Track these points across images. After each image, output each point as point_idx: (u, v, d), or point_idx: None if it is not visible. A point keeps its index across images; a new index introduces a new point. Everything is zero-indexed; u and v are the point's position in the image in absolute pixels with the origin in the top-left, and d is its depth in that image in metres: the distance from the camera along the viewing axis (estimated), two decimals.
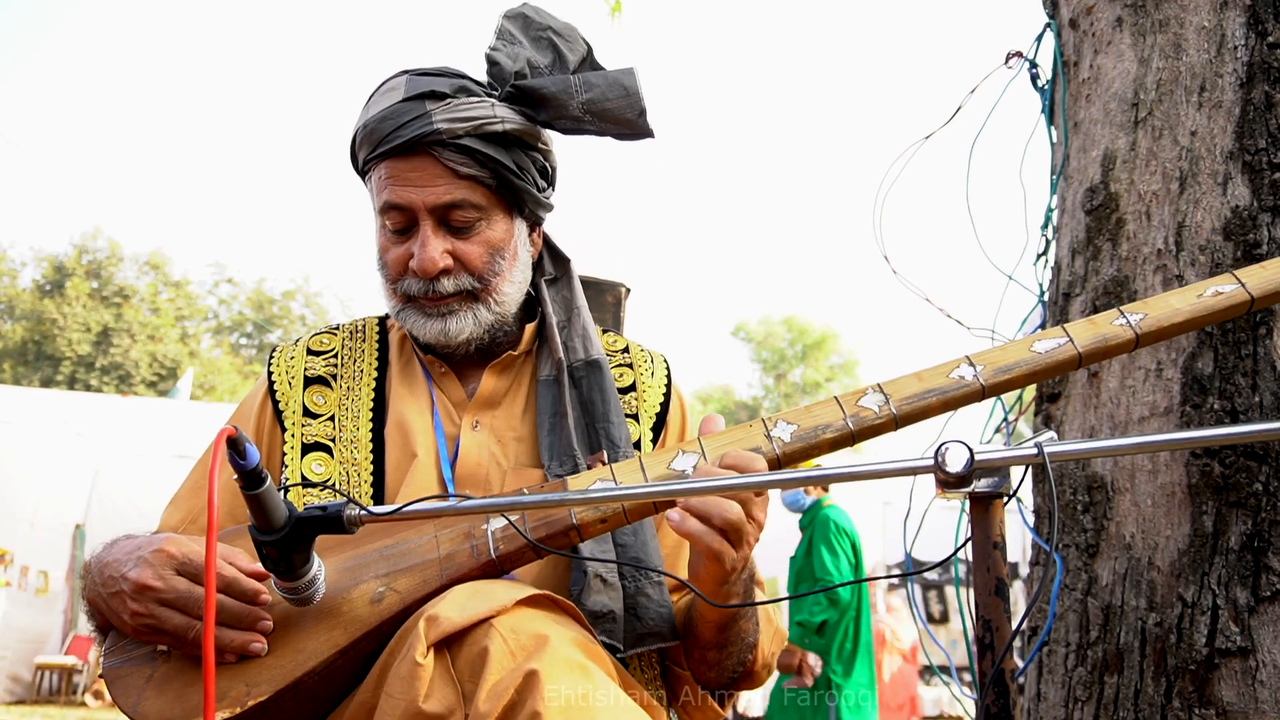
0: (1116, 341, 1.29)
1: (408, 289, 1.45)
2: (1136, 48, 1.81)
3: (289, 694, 1.17)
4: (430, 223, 1.43)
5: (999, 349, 1.32)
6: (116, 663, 1.24)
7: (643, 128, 1.47)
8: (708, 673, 1.42)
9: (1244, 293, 1.30)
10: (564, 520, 1.24)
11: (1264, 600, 1.51)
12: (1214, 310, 1.30)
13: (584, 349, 1.53)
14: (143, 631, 1.21)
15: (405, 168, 1.42)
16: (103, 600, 1.26)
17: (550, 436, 1.46)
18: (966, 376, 1.29)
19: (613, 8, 4.04)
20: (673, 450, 1.29)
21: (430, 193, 1.41)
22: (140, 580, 1.19)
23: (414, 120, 1.40)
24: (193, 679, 1.20)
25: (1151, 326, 1.29)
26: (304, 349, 1.56)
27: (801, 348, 37.99)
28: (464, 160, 1.41)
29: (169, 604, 1.19)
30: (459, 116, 1.40)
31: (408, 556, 1.25)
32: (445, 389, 1.53)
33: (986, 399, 1.31)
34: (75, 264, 29.39)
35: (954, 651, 9.06)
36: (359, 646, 1.19)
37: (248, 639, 1.19)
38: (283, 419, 1.50)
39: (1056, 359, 1.29)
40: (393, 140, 1.41)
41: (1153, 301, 1.32)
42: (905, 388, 1.29)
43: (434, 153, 1.40)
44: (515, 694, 1.03)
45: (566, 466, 1.42)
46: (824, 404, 1.30)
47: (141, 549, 1.24)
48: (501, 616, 1.11)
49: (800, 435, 1.28)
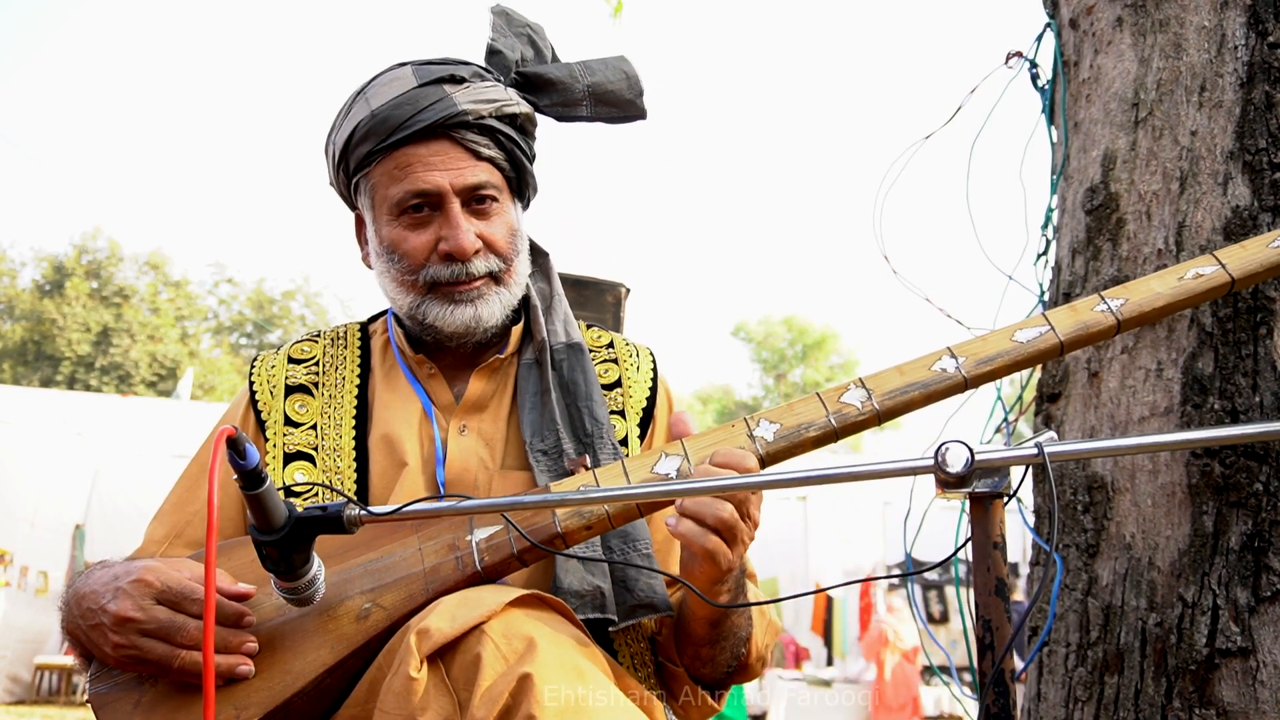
0: (1098, 328, 1.28)
1: (434, 276, 1.44)
2: (1137, 47, 1.81)
3: (278, 715, 1.16)
4: (458, 204, 1.43)
5: (980, 339, 1.30)
6: (103, 689, 1.22)
7: (639, 109, 1.55)
8: (702, 668, 1.42)
9: (1224, 274, 1.30)
10: (549, 528, 1.23)
11: (1264, 600, 1.51)
12: (1195, 292, 1.30)
13: (565, 333, 1.55)
14: (125, 663, 1.20)
15: (426, 152, 1.41)
16: (82, 632, 1.24)
17: (533, 414, 1.46)
18: (949, 369, 1.28)
19: (615, 9, 4.04)
20: (655, 453, 1.28)
21: (458, 174, 1.42)
22: (120, 613, 1.18)
23: (436, 103, 1.40)
24: (180, 703, 1.19)
25: (1133, 311, 1.29)
26: (285, 357, 1.56)
27: (801, 348, 37.99)
28: (485, 142, 1.43)
29: (151, 634, 1.18)
30: (481, 98, 1.42)
31: (392, 571, 1.24)
32: (432, 392, 1.52)
33: (969, 390, 1.30)
34: (75, 264, 29.37)
35: (954, 651, 9.04)
36: (347, 664, 1.18)
37: (233, 662, 1.18)
38: (265, 428, 1.49)
39: (1038, 348, 1.28)
40: (414, 124, 1.40)
41: (1133, 285, 1.31)
42: (887, 382, 1.28)
43: (455, 135, 1.41)
44: (510, 698, 1.03)
45: (549, 441, 1.42)
46: (806, 401, 1.29)
47: (119, 579, 1.21)
48: (492, 621, 1.10)
49: (783, 434, 1.27)
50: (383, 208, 1.46)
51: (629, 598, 1.37)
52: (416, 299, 1.46)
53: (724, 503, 1.20)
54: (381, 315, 1.63)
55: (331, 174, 1.54)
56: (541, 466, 1.42)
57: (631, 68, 1.53)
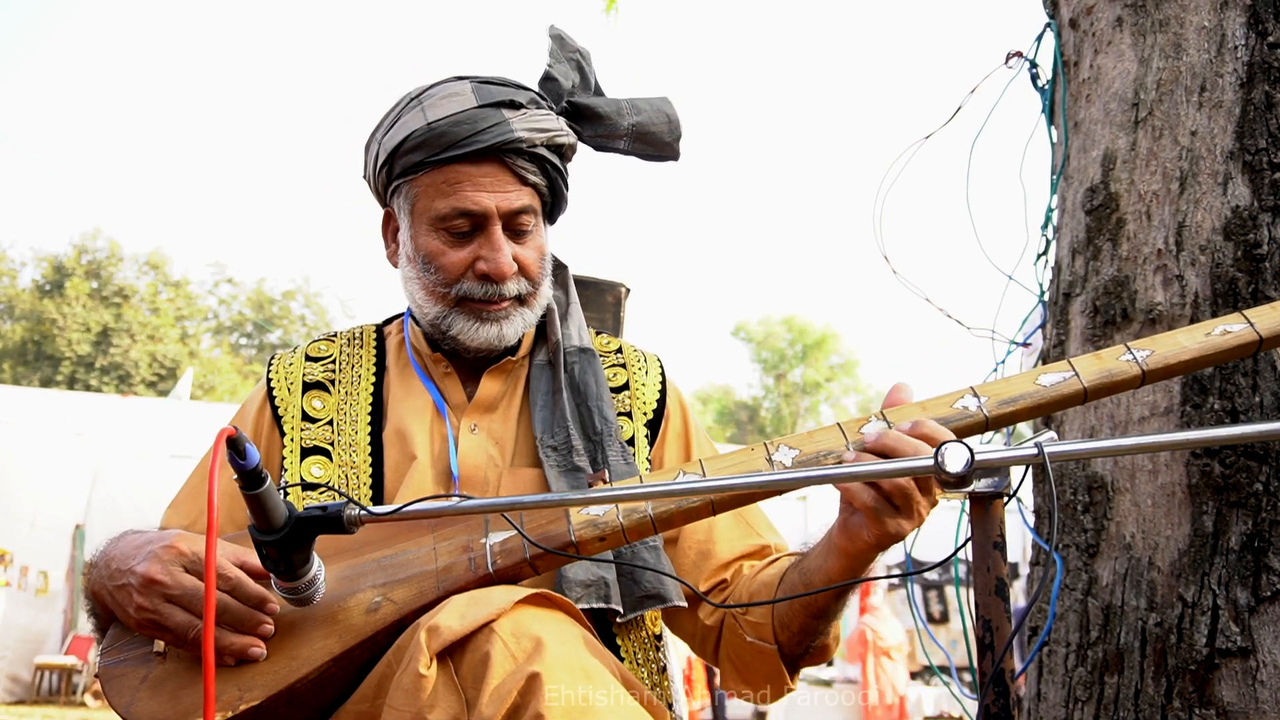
0: (1123, 378, 1.29)
1: (467, 292, 1.47)
2: (1136, 48, 1.81)
3: (281, 700, 1.17)
4: (500, 227, 1.46)
5: (1003, 381, 1.31)
6: (112, 662, 1.24)
7: (675, 152, 1.60)
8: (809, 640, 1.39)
9: (1253, 333, 1.30)
10: (562, 537, 1.24)
11: (1264, 600, 1.51)
12: (1221, 349, 1.29)
13: (578, 338, 1.59)
14: (145, 626, 1.22)
15: (477, 173, 1.45)
16: (108, 593, 1.27)
17: (544, 411, 1.50)
18: (970, 407, 1.28)
19: (607, 4, 4.04)
20: (674, 470, 1.31)
21: (504, 198, 1.45)
22: (148, 574, 1.21)
23: (494, 127, 1.44)
24: (187, 681, 1.20)
25: (1158, 364, 1.29)
26: (303, 355, 1.59)
27: (801, 348, 37.99)
28: (532, 169, 1.47)
29: (174, 600, 1.20)
30: (536, 127, 1.46)
31: (405, 567, 1.25)
32: (446, 390, 1.55)
33: (990, 431, 1.31)
34: (75, 264, 29.39)
35: (954, 651, 9.04)
36: (353, 655, 1.19)
37: (247, 643, 1.19)
38: (281, 423, 1.52)
39: (1061, 393, 1.28)
40: (470, 145, 1.43)
41: (1160, 338, 1.31)
42: (908, 416, 1.29)
43: (506, 159, 1.45)
44: (518, 696, 1.04)
45: (559, 437, 1.46)
46: (827, 430, 1.30)
47: (152, 543, 1.25)
48: (501, 620, 1.11)
49: (802, 461, 1.28)
50: (424, 217, 1.48)
51: (636, 589, 1.39)
52: (444, 310, 1.49)
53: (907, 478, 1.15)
54: (397, 318, 1.66)
55: (370, 170, 1.56)
56: (551, 461, 1.45)
57: (674, 111, 1.58)
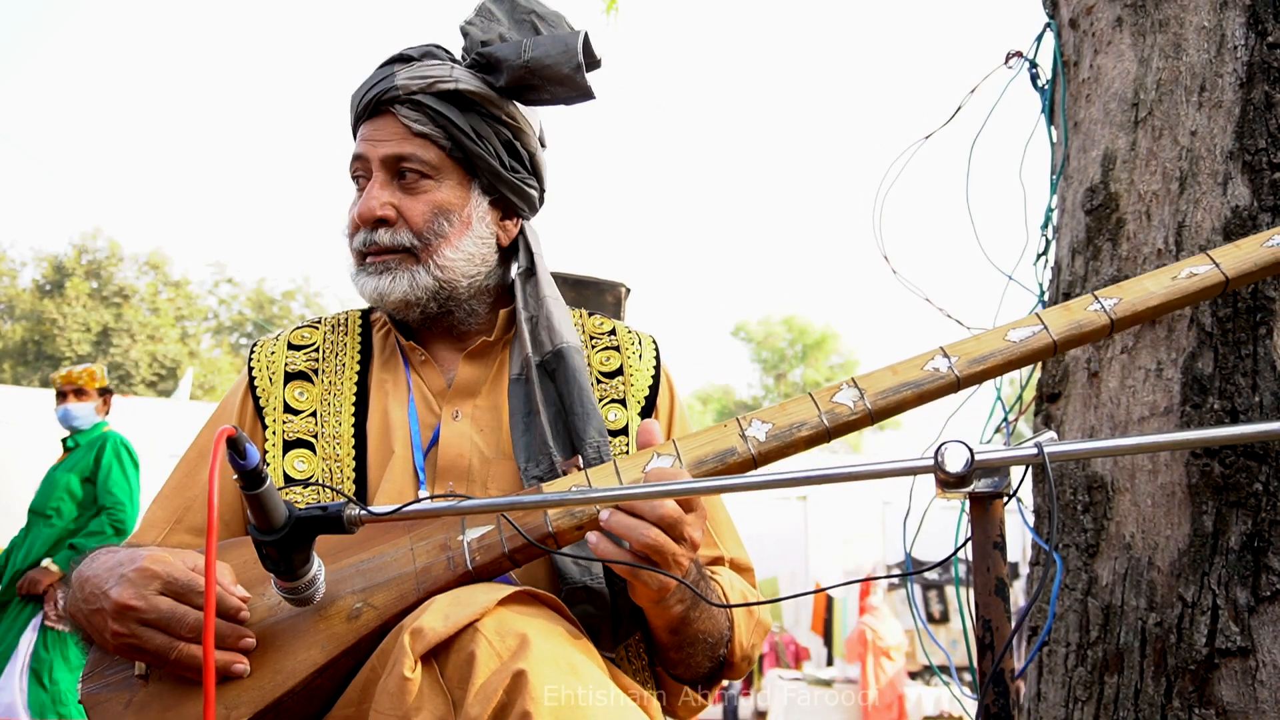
0: (1092, 327, 1.28)
1: (356, 245, 1.49)
2: (1136, 48, 1.81)
3: (269, 715, 1.16)
4: (381, 175, 1.48)
5: (973, 339, 1.30)
6: (95, 688, 1.22)
7: (580, 84, 1.48)
8: (677, 669, 1.42)
9: (1219, 273, 1.29)
10: (541, 528, 1.23)
11: (1264, 600, 1.51)
12: (1189, 292, 1.29)
13: (550, 340, 1.49)
14: (124, 650, 1.19)
15: (371, 127, 1.50)
16: (84, 616, 1.23)
17: (525, 436, 1.43)
18: (941, 368, 1.27)
19: (607, 5, 4.04)
20: (648, 453, 1.28)
21: (383, 145, 1.48)
22: (121, 600, 1.17)
23: (380, 81, 1.49)
24: (171, 702, 1.18)
25: (1126, 311, 1.28)
26: (285, 343, 1.55)
27: (801, 348, 37.97)
28: (418, 117, 1.47)
29: (150, 624, 1.17)
30: (416, 75, 1.48)
31: (384, 571, 1.23)
32: (425, 378, 1.52)
33: (962, 390, 1.30)
34: (75, 264, 29.38)
35: (954, 651, 9.03)
36: (338, 664, 1.18)
37: (230, 659, 1.17)
38: (264, 415, 1.48)
39: (1032, 347, 1.27)
40: (361, 101, 1.50)
41: (1127, 285, 1.30)
42: (880, 382, 1.28)
43: (394, 110, 1.47)
44: (504, 695, 1.03)
45: (543, 466, 1.39)
46: (799, 401, 1.29)
47: (123, 565, 1.21)
48: (485, 619, 1.10)
49: (775, 434, 1.26)
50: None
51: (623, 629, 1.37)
52: (354, 268, 1.52)
53: (651, 526, 1.18)
54: None
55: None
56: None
57: (575, 39, 1.46)
